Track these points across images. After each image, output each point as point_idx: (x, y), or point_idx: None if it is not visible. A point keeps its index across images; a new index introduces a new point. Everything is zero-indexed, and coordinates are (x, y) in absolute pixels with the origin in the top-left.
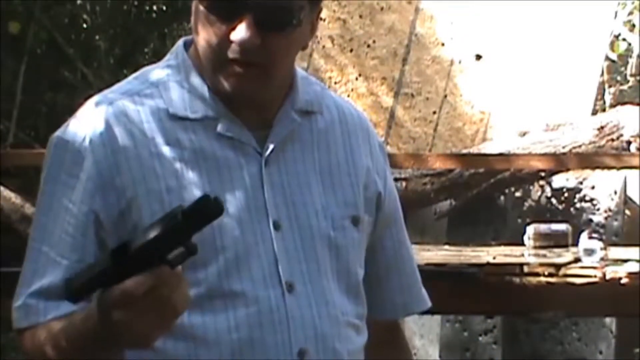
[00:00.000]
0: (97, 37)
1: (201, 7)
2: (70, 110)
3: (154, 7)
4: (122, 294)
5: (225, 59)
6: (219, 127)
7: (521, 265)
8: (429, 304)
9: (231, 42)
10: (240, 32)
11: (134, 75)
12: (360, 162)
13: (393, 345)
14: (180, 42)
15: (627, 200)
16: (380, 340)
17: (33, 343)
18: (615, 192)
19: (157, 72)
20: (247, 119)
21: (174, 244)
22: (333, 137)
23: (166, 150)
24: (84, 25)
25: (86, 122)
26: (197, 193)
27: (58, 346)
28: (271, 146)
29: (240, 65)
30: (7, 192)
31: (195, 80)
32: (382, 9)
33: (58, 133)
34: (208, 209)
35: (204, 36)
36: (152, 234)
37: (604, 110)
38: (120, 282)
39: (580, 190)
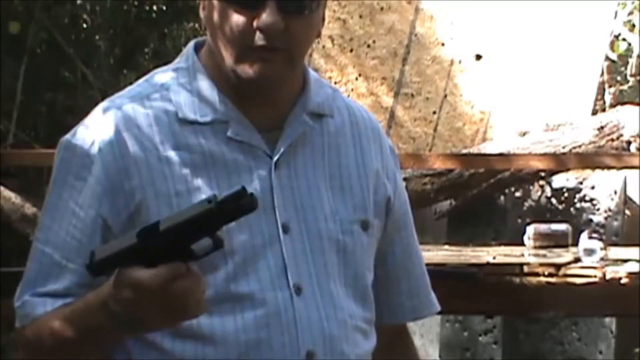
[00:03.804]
0: (97, 37)
1: (216, 1)
2: (70, 110)
3: (154, 7)
4: (135, 283)
5: (249, 47)
6: (229, 131)
7: (521, 265)
8: (438, 307)
9: (255, 30)
10: (267, 19)
11: (145, 77)
12: (371, 166)
13: (402, 349)
14: (190, 45)
15: (627, 200)
16: (389, 344)
17: (34, 334)
18: (615, 192)
19: (166, 75)
20: (257, 120)
21: (203, 231)
22: (344, 141)
23: (175, 154)
24: (84, 25)
25: (95, 127)
26: (205, 197)
27: (60, 330)
28: (281, 149)
29: (265, 51)
30: (7, 192)
31: (205, 83)
32: (382, 9)
33: (68, 136)
34: (243, 201)
35: (224, 28)
36: (183, 217)
37: (604, 110)
38: (142, 262)
39: (580, 190)
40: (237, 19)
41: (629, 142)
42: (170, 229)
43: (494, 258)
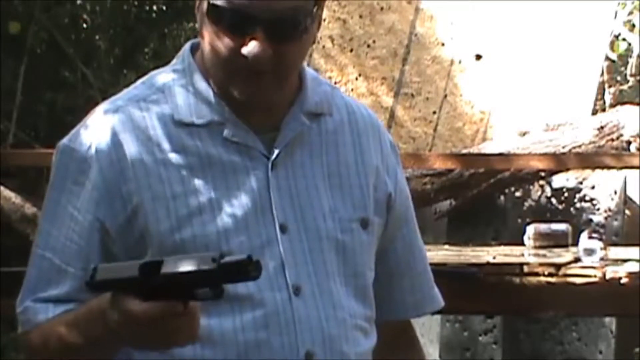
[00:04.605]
0: (97, 37)
1: (207, 18)
2: (70, 110)
3: (154, 7)
4: (125, 313)
5: (236, 69)
6: (225, 132)
7: (521, 265)
8: (442, 303)
9: (243, 55)
10: (253, 48)
11: (141, 80)
12: (370, 163)
13: (405, 346)
14: (187, 46)
15: (627, 200)
16: (392, 341)
17: (40, 339)
18: (615, 192)
19: (163, 76)
20: (254, 122)
21: (202, 284)
22: (342, 139)
23: (172, 156)
24: (84, 25)
25: (92, 131)
26: (202, 199)
27: (65, 335)
28: (277, 150)
29: (253, 74)
30: (7, 192)
31: (201, 84)
32: (382, 9)
33: (65, 141)
34: (246, 269)
35: (212, 47)
36: (185, 267)
37: (604, 110)
38: (141, 292)
39: (580, 190)
40: (225, 42)
41: (629, 142)
42: (170, 275)
43: (494, 258)
